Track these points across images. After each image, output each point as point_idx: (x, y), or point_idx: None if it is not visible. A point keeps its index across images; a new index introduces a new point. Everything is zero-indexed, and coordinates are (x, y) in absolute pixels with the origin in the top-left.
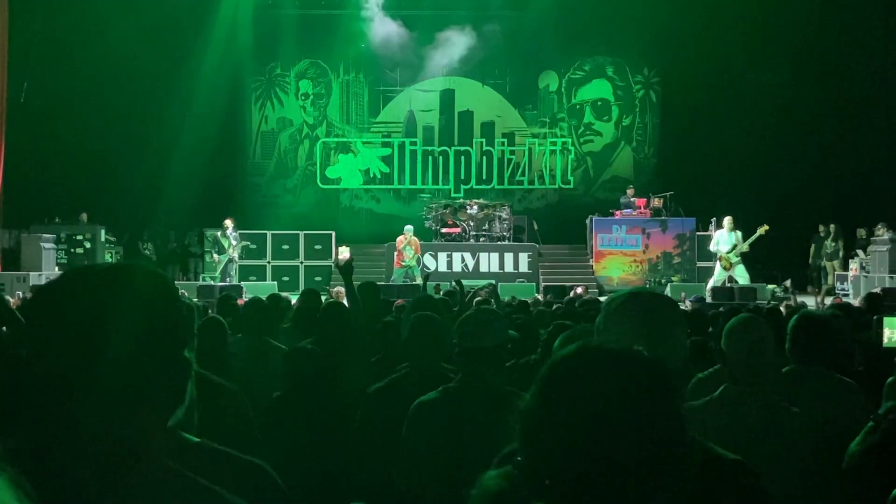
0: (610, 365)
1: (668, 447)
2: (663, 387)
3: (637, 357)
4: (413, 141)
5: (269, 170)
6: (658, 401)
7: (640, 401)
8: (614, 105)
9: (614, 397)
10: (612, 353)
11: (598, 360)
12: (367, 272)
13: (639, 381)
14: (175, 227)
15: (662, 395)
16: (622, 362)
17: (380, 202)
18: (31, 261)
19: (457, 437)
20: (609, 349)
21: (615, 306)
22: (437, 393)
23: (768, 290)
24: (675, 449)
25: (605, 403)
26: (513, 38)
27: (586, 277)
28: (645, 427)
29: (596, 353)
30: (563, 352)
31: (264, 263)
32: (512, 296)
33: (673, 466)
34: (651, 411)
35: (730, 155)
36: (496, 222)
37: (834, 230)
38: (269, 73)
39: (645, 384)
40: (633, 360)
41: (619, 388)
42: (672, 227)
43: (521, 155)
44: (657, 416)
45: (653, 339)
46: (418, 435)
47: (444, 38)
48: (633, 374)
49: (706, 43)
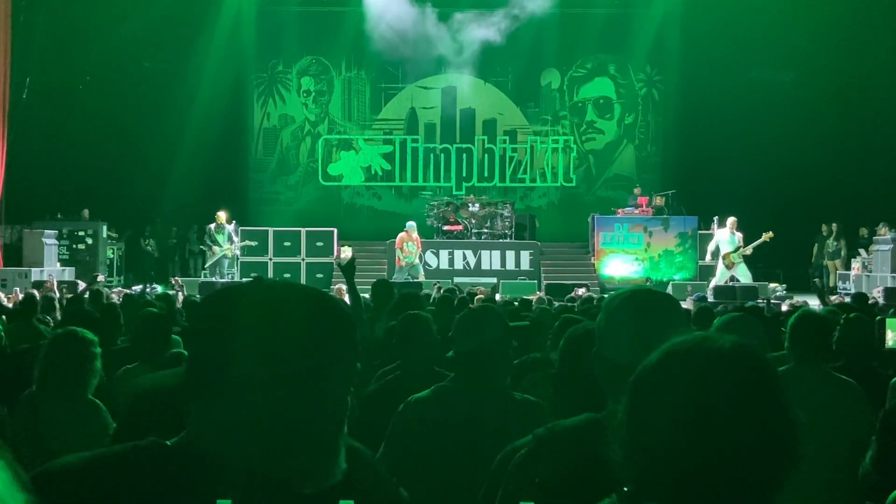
0: (701, 365)
1: (780, 437)
2: (762, 378)
3: (731, 351)
4: (415, 138)
5: (271, 166)
6: (760, 393)
7: (743, 397)
8: (616, 103)
9: (714, 399)
10: (700, 351)
11: (690, 362)
12: (368, 269)
13: (736, 378)
14: (177, 223)
15: (763, 386)
16: (713, 360)
17: (381, 199)
18: (32, 256)
19: (446, 437)
20: (694, 348)
21: (616, 305)
22: (429, 392)
23: (769, 290)
24: (787, 437)
25: (705, 406)
26: (515, 35)
27: (588, 275)
28: (753, 423)
29: (685, 355)
30: (648, 360)
31: (266, 260)
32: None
33: (788, 455)
34: (755, 405)
35: (732, 153)
36: (498, 220)
37: (836, 229)
38: (271, 69)
39: (743, 379)
40: (728, 355)
41: (718, 388)
42: (674, 225)
43: (523, 153)
44: (762, 408)
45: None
46: (406, 434)
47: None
48: (730, 371)
49: (708, 41)
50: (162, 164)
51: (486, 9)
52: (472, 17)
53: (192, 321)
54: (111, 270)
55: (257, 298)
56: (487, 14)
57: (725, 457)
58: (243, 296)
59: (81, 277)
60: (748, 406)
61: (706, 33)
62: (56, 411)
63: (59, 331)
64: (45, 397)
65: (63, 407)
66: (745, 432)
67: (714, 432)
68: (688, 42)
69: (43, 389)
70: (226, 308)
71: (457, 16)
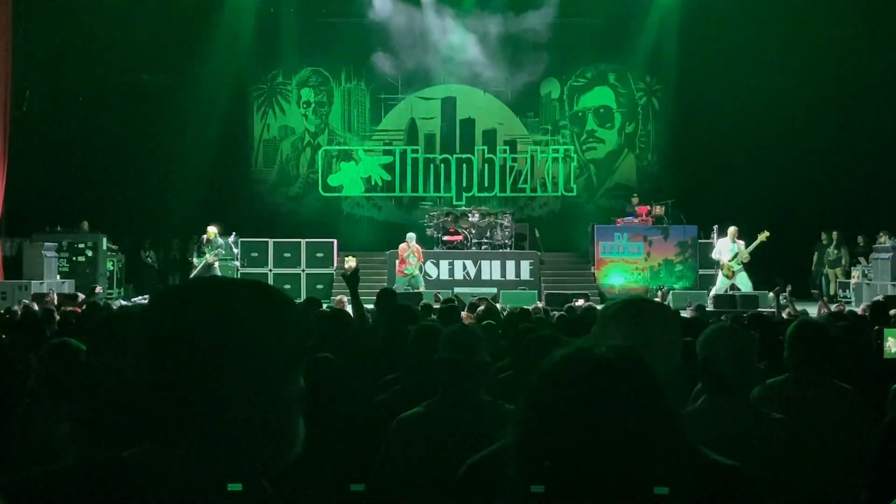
0: (591, 370)
1: (658, 445)
2: (645, 387)
3: (616, 360)
4: (415, 149)
5: (271, 178)
6: (641, 401)
7: (624, 401)
8: (617, 112)
9: (598, 401)
10: (594, 358)
11: (580, 366)
12: (369, 280)
13: (620, 384)
14: (177, 235)
15: (644, 395)
16: (601, 366)
17: (381, 210)
18: (32, 269)
19: (436, 453)
20: (590, 355)
21: (610, 314)
22: (421, 408)
23: (769, 298)
24: (666, 447)
25: (590, 408)
26: (515, 45)
27: (589, 285)
28: (631, 426)
29: (578, 358)
30: (548, 360)
31: (266, 271)
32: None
33: (664, 464)
34: (634, 411)
35: (731, 162)
36: (498, 230)
37: (836, 238)
38: (270, 80)
39: (627, 386)
40: (613, 363)
41: (601, 391)
42: (674, 234)
43: (523, 162)
44: (642, 415)
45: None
46: (397, 450)
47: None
48: (614, 376)
49: (708, 50)
50: (162, 175)
51: (486, 17)
52: (472, 26)
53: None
54: (111, 282)
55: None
56: (487, 24)
57: (607, 451)
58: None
59: (81, 289)
60: (624, 406)
61: (704, 42)
62: (50, 424)
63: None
64: (40, 410)
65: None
66: (622, 434)
67: (591, 431)
68: (686, 50)
69: (37, 401)
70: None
71: (456, 25)
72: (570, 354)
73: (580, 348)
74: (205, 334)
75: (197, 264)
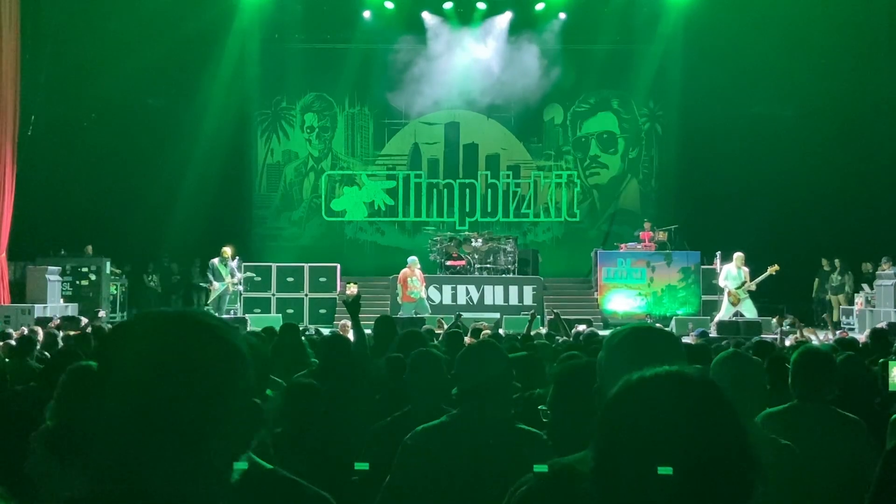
0: (662, 390)
1: (732, 460)
2: (731, 409)
3: (706, 381)
4: (418, 174)
5: (275, 202)
6: (730, 420)
7: (697, 419)
8: (620, 137)
9: (671, 419)
10: (663, 378)
11: (679, 385)
12: (371, 305)
13: (713, 403)
14: (180, 259)
15: (731, 416)
16: (675, 386)
17: (384, 235)
18: (36, 293)
19: (451, 467)
20: (659, 375)
21: (616, 342)
22: (437, 422)
23: (773, 325)
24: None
25: (663, 426)
26: (518, 71)
27: (592, 310)
28: (704, 443)
29: (676, 378)
30: (635, 380)
31: (269, 296)
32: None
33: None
34: (707, 422)
35: (734, 188)
36: (501, 255)
37: (839, 264)
38: (274, 106)
39: (718, 406)
40: (706, 383)
41: (672, 410)
42: (677, 260)
43: (526, 188)
44: (729, 435)
45: None
46: (412, 462)
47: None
48: (687, 395)
49: (711, 76)
50: (165, 200)
51: (489, 43)
52: (475, 52)
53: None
54: (114, 306)
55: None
56: (490, 50)
57: (687, 469)
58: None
59: (84, 313)
60: (701, 424)
61: (707, 68)
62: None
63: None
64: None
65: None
66: (700, 447)
67: (671, 448)
68: (689, 76)
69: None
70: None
71: (460, 51)
72: (666, 374)
73: (670, 371)
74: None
75: (218, 288)
